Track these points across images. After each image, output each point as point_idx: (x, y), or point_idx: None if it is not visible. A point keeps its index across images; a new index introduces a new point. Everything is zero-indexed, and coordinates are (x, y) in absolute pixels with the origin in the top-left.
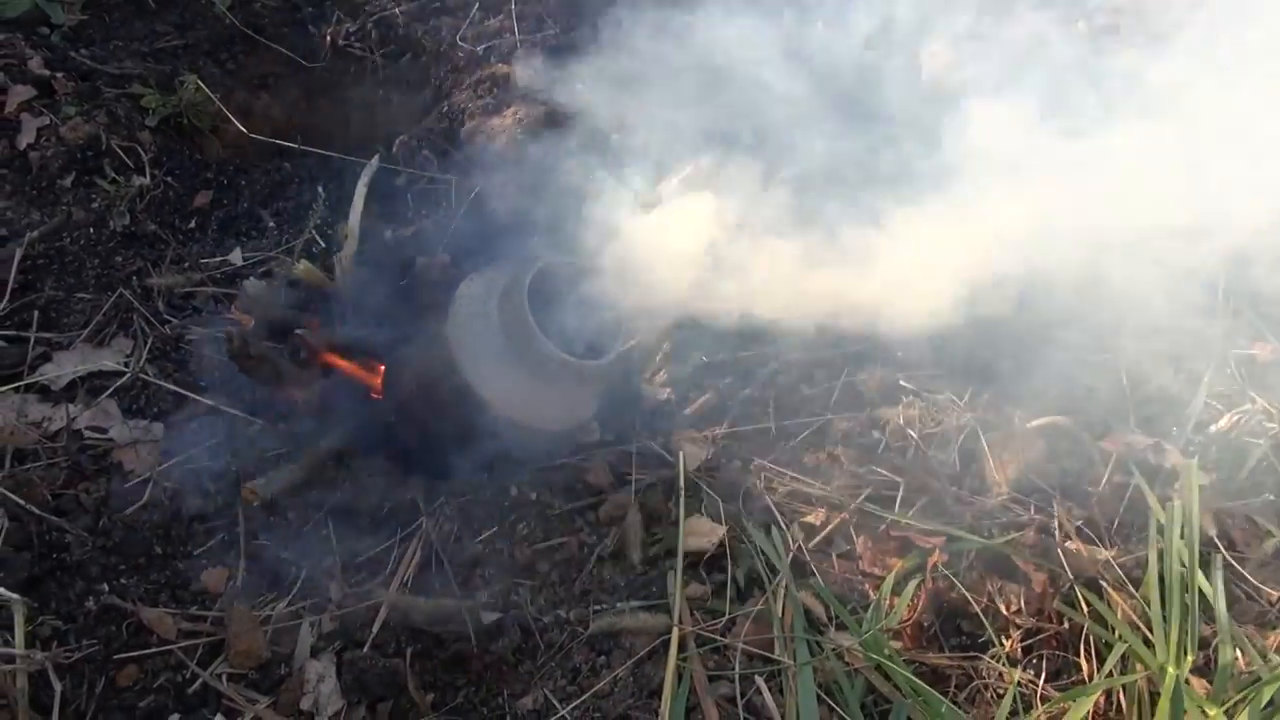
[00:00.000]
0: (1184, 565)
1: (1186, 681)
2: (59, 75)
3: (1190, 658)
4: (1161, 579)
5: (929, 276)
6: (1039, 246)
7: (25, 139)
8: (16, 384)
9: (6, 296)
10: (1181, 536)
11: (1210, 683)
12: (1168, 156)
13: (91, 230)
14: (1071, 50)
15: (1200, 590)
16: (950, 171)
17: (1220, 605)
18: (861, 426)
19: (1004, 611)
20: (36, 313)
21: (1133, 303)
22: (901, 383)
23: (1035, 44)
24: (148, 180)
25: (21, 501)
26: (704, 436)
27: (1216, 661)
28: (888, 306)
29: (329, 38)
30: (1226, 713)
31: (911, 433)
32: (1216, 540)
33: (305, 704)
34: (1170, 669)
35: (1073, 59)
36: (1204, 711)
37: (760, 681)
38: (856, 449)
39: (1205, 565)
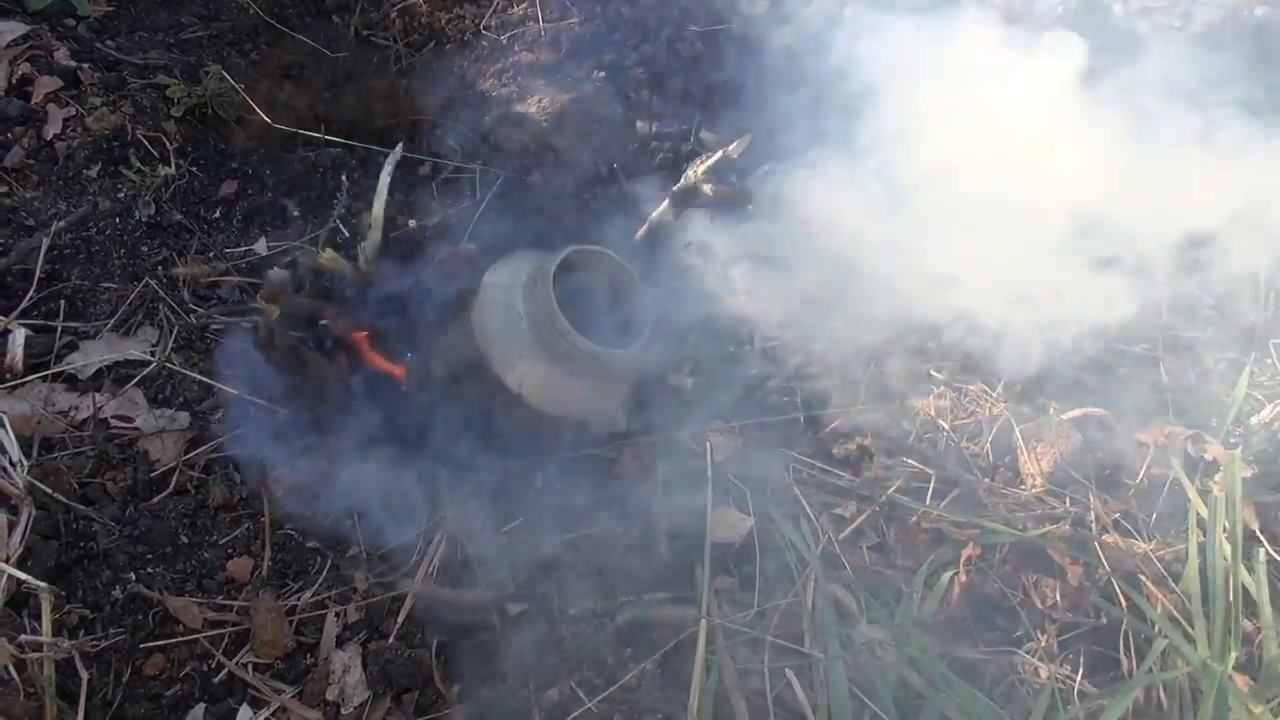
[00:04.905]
0: (1226, 559)
1: (1230, 678)
2: (85, 66)
3: (1233, 654)
4: (1202, 573)
5: None
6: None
7: (52, 129)
8: (44, 373)
9: (33, 286)
10: (1223, 530)
11: (1254, 679)
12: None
13: (117, 220)
14: None
15: (1243, 585)
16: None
17: (1264, 600)
18: (892, 417)
19: (1040, 605)
20: (63, 302)
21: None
22: (932, 373)
23: None
24: (173, 170)
25: (49, 490)
26: (732, 427)
27: (1261, 658)
28: None
29: (353, 27)
30: (1272, 710)
31: (943, 424)
32: (1259, 534)
33: (331, 694)
34: (1214, 665)
35: None
36: (1249, 709)
37: (790, 675)
38: (887, 440)
39: (1248, 559)
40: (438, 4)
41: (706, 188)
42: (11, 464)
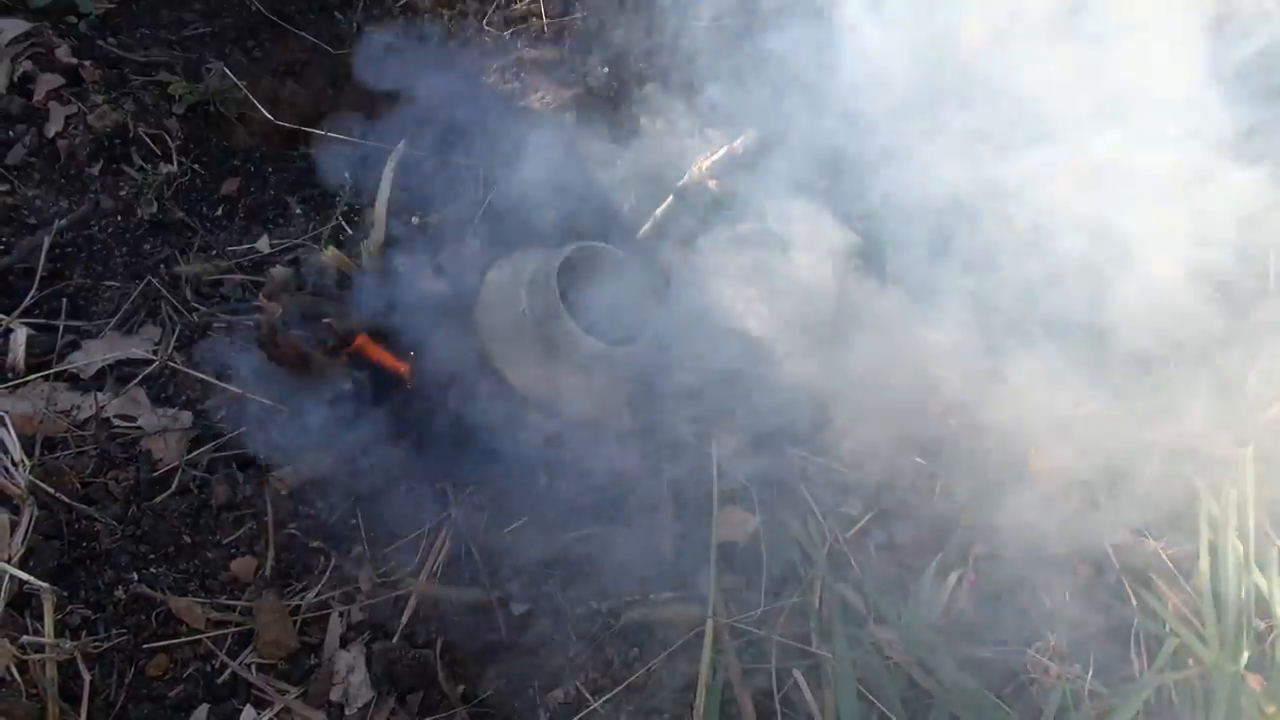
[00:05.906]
0: (1237, 557)
1: (1242, 678)
2: (87, 64)
3: (1245, 653)
4: (1214, 572)
5: None
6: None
7: (54, 127)
8: (46, 372)
9: (35, 285)
10: (1235, 528)
11: (1266, 679)
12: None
13: (119, 218)
14: None
15: (1255, 583)
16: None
17: (1276, 599)
18: (900, 414)
19: (1049, 604)
20: (65, 301)
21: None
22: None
23: None
24: (175, 168)
25: (51, 490)
26: (738, 424)
27: (1274, 657)
28: None
29: (355, 24)
30: None
31: (951, 420)
32: (1271, 532)
33: (335, 695)
34: (1226, 665)
35: None
36: (1261, 709)
37: (798, 674)
38: (894, 437)
39: (1260, 558)
40: (440, 0)
41: (711, 184)
42: (13, 464)
